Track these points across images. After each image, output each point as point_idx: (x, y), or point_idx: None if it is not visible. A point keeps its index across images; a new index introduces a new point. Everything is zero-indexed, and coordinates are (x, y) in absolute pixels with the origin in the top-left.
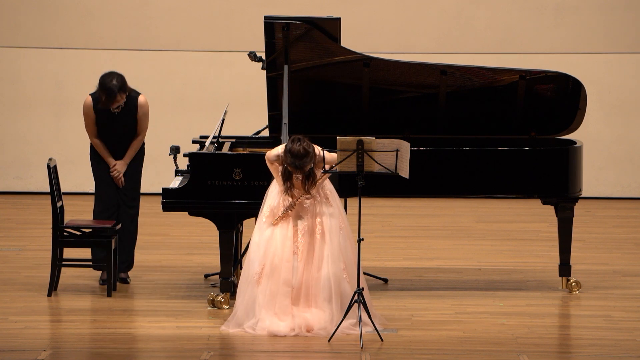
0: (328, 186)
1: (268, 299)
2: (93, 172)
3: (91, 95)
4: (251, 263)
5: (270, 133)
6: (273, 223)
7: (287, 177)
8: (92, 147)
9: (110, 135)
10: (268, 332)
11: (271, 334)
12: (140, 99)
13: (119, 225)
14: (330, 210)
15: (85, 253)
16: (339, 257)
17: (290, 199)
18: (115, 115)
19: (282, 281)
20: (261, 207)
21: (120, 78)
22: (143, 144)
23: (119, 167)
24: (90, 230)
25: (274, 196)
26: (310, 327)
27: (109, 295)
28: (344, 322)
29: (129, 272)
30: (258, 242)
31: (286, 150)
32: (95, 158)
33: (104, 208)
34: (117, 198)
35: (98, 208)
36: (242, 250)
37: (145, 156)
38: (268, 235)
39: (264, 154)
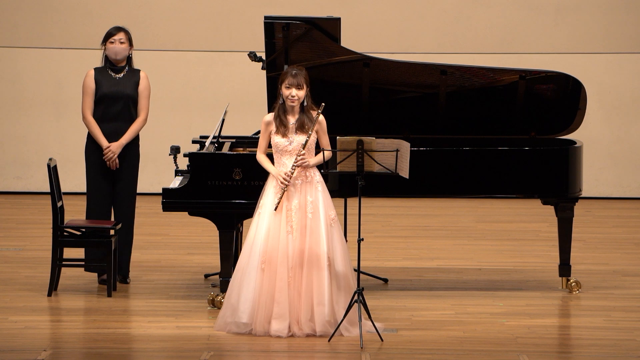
0: (320, 181)
1: (266, 299)
2: (87, 169)
3: (94, 68)
4: (247, 255)
5: None
6: (275, 209)
7: (283, 112)
8: (87, 142)
9: (112, 105)
10: (268, 334)
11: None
12: (142, 73)
13: (119, 225)
14: (321, 195)
15: None
16: (328, 241)
17: (284, 177)
18: (117, 81)
19: (279, 278)
20: (257, 203)
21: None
22: (138, 144)
23: (113, 148)
24: (91, 230)
25: (270, 189)
26: (313, 332)
27: (109, 295)
28: (343, 322)
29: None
30: (256, 231)
31: (283, 72)
32: (91, 155)
33: (97, 207)
34: (111, 198)
35: (91, 207)
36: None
37: (145, 156)
38: (264, 227)
39: None
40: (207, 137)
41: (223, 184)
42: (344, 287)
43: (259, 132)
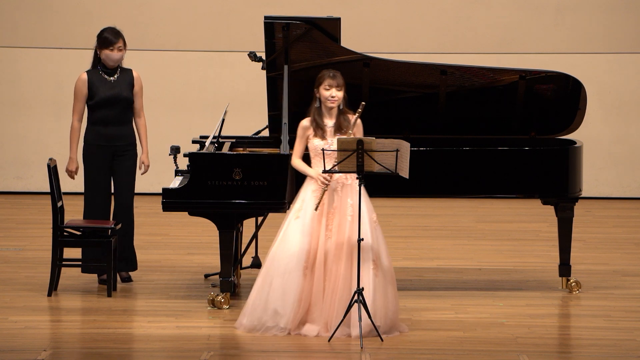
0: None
1: (304, 304)
2: (85, 170)
3: (86, 72)
4: (287, 259)
5: (270, 133)
6: (315, 209)
7: (319, 116)
8: (85, 143)
9: (110, 109)
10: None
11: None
12: (135, 73)
13: (119, 225)
14: (363, 198)
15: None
16: (373, 238)
17: (325, 176)
18: (112, 84)
19: (315, 283)
20: (291, 207)
21: None
22: (135, 143)
23: (146, 162)
24: (90, 230)
25: (307, 192)
26: (347, 335)
27: (109, 295)
28: (344, 321)
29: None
30: (298, 235)
31: (319, 75)
32: (89, 155)
33: (96, 208)
34: (109, 198)
35: (89, 207)
36: (242, 250)
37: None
38: (307, 231)
39: (264, 154)
40: (207, 137)
41: (223, 184)
42: (391, 280)
43: (258, 132)
